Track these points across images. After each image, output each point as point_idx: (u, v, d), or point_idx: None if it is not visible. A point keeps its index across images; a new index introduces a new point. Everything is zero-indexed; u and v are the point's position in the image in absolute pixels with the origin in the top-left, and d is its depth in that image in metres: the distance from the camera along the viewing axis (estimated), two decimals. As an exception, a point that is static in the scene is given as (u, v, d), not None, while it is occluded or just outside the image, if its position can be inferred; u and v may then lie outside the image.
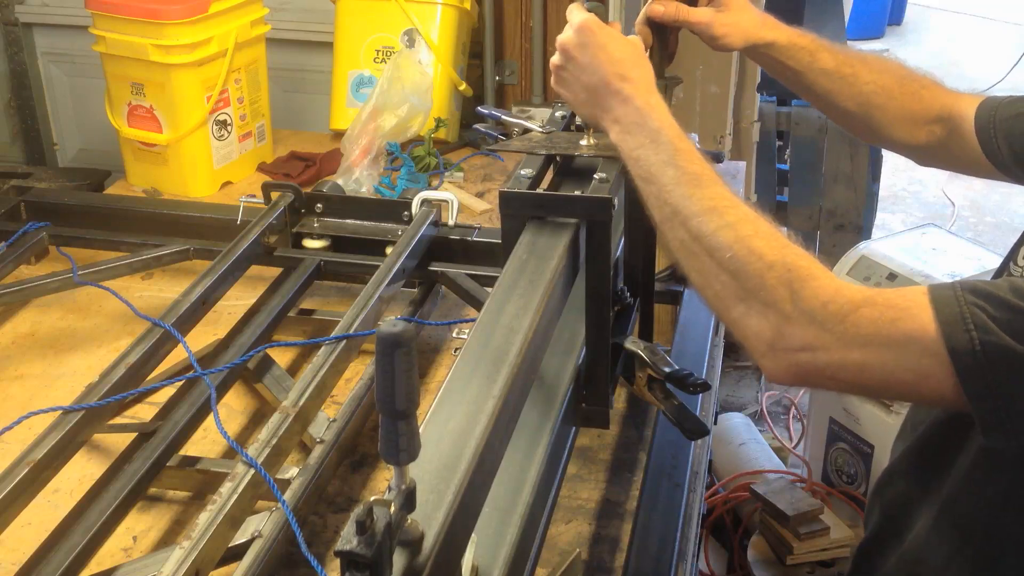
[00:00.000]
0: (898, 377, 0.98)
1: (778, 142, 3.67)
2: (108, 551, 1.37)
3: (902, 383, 0.98)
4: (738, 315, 1.03)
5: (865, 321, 0.97)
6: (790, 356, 1.00)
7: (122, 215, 2.12)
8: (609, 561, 1.40)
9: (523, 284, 1.16)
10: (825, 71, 1.42)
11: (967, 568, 1.15)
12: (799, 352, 0.99)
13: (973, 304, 0.95)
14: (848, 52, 1.45)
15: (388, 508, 0.75)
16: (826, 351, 0.98)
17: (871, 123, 1.44)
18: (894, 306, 0.97)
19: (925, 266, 2.62)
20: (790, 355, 1.00)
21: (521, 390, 1.06)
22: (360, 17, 2.70)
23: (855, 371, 0.98)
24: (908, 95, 1.41)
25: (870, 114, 1.43)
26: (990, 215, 4.97)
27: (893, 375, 0.98)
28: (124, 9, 2.35)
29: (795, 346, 0.99)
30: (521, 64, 2.79)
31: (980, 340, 0.93)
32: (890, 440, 1.38)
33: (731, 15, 1.40)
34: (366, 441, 1.60)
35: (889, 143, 1.47)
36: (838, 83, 1.42)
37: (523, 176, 1.29)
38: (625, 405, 1.71)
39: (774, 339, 1.00)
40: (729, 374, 3.53)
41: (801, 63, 1.42)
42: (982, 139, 1.34)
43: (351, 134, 2.38)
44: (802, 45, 1.42)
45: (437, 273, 1.92)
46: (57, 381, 1.78)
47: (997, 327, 0.93)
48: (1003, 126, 1.32)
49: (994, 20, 7.47)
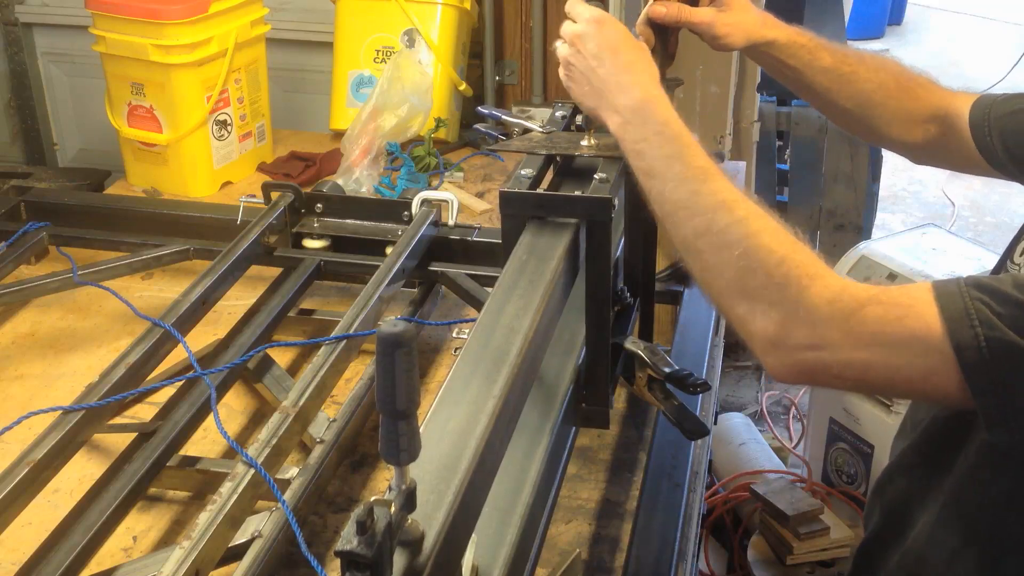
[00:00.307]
0: (904, 375, 0.97)
1: (778, 142, 3.67)
2: (108, 551, 1.37)
3: (908, 381, 0.98)
4: (743, 312, 1.03)
5: (870, 319, 0.97)
6: (795, 354, 1.00)
7: (122, 215, 2.12)
8: (609, 561, 1.40)
9: (523, 284, 1.16)
10: (824, 69, 1.43)
11: (970, 566, 1.15)
12: (804, 350, 0.99)
13: (978, 300, 0.95)
14: (847, 51, 1.45)
15: (388, 508, 0.75)
16: (831, 349, 0.98)
17: (869, 121, 1.44)
18: (899, 304, 0.97)
19: (925, 266, 2.62)
20: (795, 353, 1.00)
21: (521, 390, 1.06)
22: (360, 17, 2.70)
23: (860, 369, 0.98)
24: (905, 93, 1.41)
25: (868, 112, 1.43)
26: (990, 215, 4.97)
27: (899, 373, 0.97)
28: (124, 9, 2.35)
29: (800, 344, 0.99)
30: (521, 64, 2.79)
31: (985, 336, 0.93)
32: (890, 440, 1.38)
33: (732, 15, 1.40)
34: (366, 441, 1.60)
35: (886, 141, 1.47)
36: (837, 81, 1.42)
37: (523, 176, 1.29)
38: (625, 405, 1.71)
39: (779, 337, 1.00)
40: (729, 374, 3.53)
41: (801, 61, 1.42)
42: (976, 136, 1.34)
43: (351, 134, 2.38)
44: (802, 43, 1.43)
45: (437, 273, 1.92)
46: (57, 381, 1.78)
47: (1001, 323, 0.93)
48: (997, 123, 1.32)
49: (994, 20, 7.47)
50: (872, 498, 1.36)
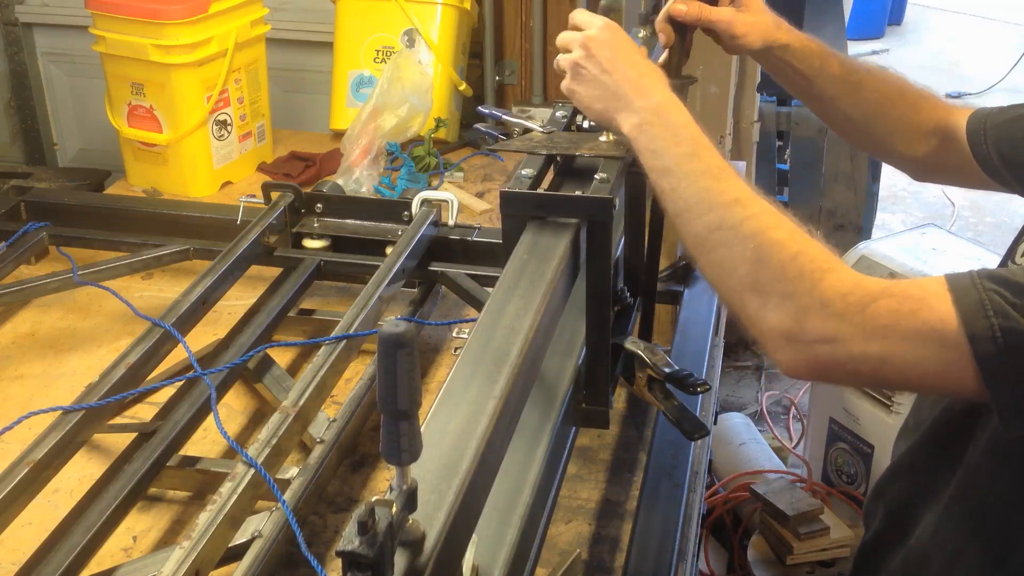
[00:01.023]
0: (919, 368, 0.97)
1: (778, 142, 3.68)
2: (108, 551, 1.37)
3: (922, 374, 0.98)
4: (755, 308, 1.03)
5: (884, 311, 0.97)
6: (808, 348, 1.00)
7: (122, 215, 2.12)
8: (609, 561, 1.40)
9: (524, 284, 1.16)
10: (833, 77, 1.43)
11: (975, 565, 1.15)
12: (818, 343, 0.99)
13: (992, 291, 0.95)
14: (853, 61, 1.47)
15: (390, 508, 0.75)
16: (845, 343, 0.98)
17: (873, 132, 1.45)
18: (912, 296, 0.97)
19: (925, 266, 2.63)
20: (808, 347, 1.00)
21: (522, 390, 1.06)
22: (360, 17, 2.70)
23: (875, 363, 0.98)
24: (909, 106, 1.42)
25: (873, 122, 1.44)
26: (990, 215, 4.97)
27: (913, 366, 0.97)
28: (124, 9, 2.34)
29: (814, 337, 0.99)
30: (521, 64, 2.79)
31: (1000, 326, 0.93)
32: (890, 440, 1.38)
33: (750, 15, 1.40)
34: (366, 441, 1.60)
35: (889, 154, 1.48)
36: (844, 90, 1.43)
37: (524, 176, 1.29)
38: (625, 405, 1.71)
39: (792, 331, 1.00)
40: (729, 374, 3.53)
41: (812, 68, 1.43)
42: (973, 143, 1.35)
43: (351, 134, 2.38)
44: (813, 50, 1.43)
45: (437, 273, 1.92)
46: (57, 381, 1.78)
47: (1016, 313, 0.93)
48: (993, 132, 1.33)
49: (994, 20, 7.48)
50: (873, 499, 1.35)
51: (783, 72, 1.46)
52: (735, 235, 1.05)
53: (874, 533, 1.33)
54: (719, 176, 1.10)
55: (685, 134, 1.14)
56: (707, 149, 1.13)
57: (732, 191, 1.08)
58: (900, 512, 1.27)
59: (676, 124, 1.16)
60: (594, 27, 1.25)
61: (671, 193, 1.12)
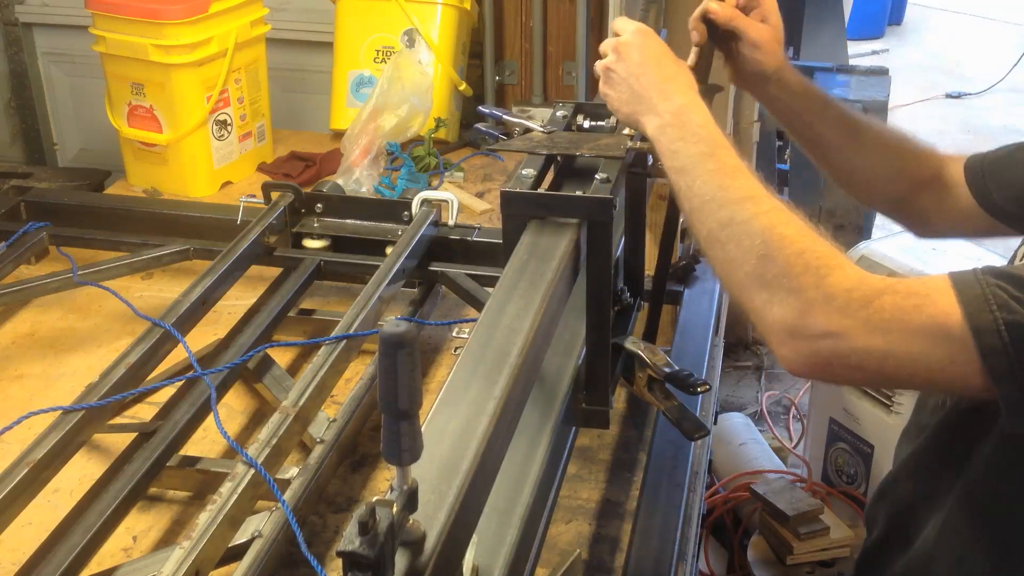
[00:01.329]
0: (922, 363, 0.97)
1: (778, 142, 3.67)
2: (108, 551, 1.37)
3: (927, 370, 0.98)
4: (761, 302, 1.03)
5: (888, 307, 0.97)
6: (812, 343, 1.00)
7: (122, 215, 2.12)
8: (609, 561, 1.40)
9: (524, 284, 1.16)
10: (834, 122, 1.44)
11: (980, 569, 1.15)
12: (822, 339, 0.99)
13: (995, 286, 0.95)
14: (852, 110, 1.48)
15: (390, 508, 0.75)
16: (849, 338, 0.98)
17: (875, 179, 1.46)
18: (916, 292, 0.98)
19: (925, 266, 2.62)
20: (812, 342, 1.00)
21: (522, 391, 1.06)
22: (360, 17, 2.70)
23: (878, 358, 0.98)
24: (909, 152, 1.44)
25: (875, 168, 1.45)
26: (990, 215, 4.96)
27: (918, 362, 0.97)
28: (124, 9, 2.35)
29: (818, 332, 0.99)
30: (521, 64, 2.79)
31: (1004, 320, 0.94)
32: (890, 440, 1.37)
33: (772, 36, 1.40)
34: (366, 441, 1.60)
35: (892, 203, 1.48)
36: (845, 135, 1.44)
37: (524, 176, 1.29)
38: (625, 405, 1.71)
39: (796, 325, 1.00)
40: (729, 374, 3.53)
41: (814, 111, 1.44)
42: (972, 182, 1.36)
43: (351, 134, 2.38)
44: (815, 92, 1.45)
45: (437, 273, 1.92)
46: (57, 381, 1.78)
47: (1020, 307, 0.94)
48: (991, 168, 1.35)
49: (994, 20, 7.47)
50: (875, 503, 1.35)
51: (783, 112, 1.46)
52: (745, 231, 1.06)
53: (876, 538, 1.32)
54: (733, 174, 1.12)
55: (703, 134, 1.16)
56: (723, 148, 1.15)
57: (744, 189, 1.10)
58: (903, 516, 1.27)
59: (695, 124, 1.18)
60: (627, 32, 1.28)
61: (687, 191, 1.14)
